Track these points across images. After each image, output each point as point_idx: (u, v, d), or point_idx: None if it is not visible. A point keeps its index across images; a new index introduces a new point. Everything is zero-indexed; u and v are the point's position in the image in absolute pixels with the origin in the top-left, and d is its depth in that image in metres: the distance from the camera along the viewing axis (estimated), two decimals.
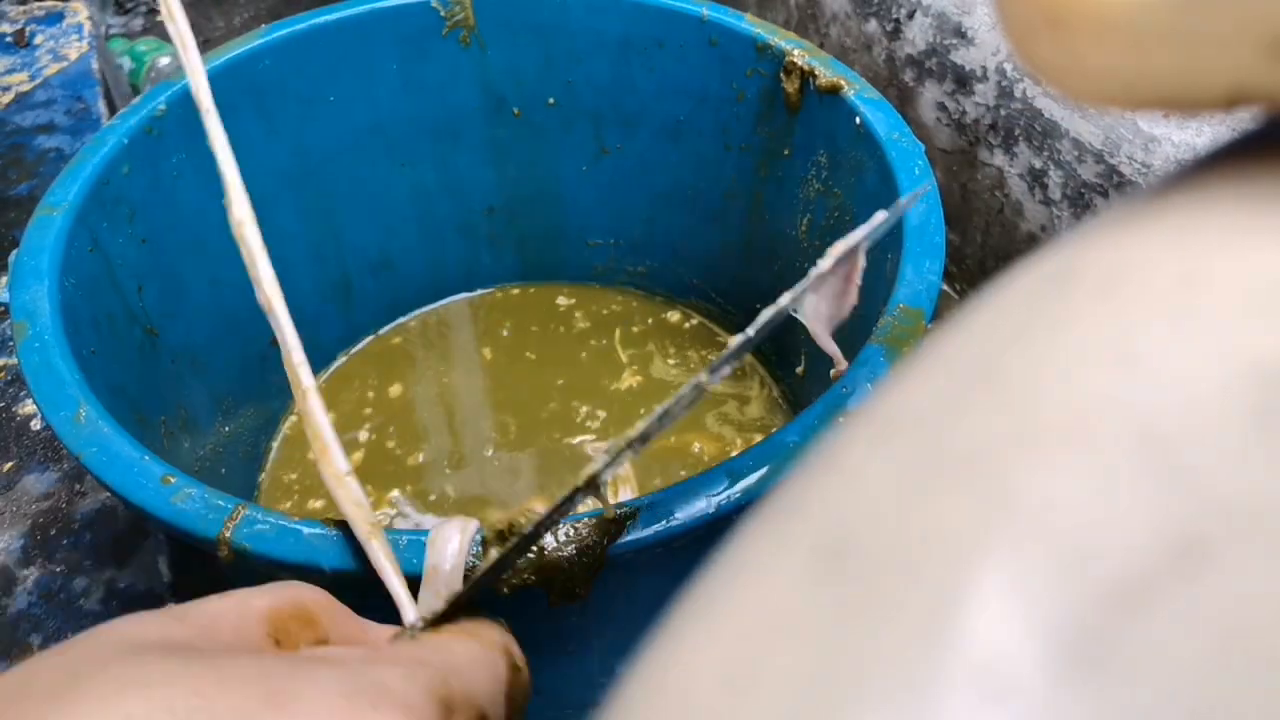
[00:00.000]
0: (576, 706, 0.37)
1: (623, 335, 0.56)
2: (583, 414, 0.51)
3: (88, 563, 0.42)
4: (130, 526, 0.44)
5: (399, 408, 0.52)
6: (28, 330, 0.32)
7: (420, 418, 0.52)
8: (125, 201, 0.39)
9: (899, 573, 0.08)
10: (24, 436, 0.47)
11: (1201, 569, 0.07)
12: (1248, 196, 0.09)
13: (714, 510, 0.26)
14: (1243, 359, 0.08)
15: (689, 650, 0.09)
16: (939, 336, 0.10)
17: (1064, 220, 0.55)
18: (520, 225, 0.57)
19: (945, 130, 0.61)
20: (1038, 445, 0.08)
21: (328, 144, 0.48)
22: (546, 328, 0.57)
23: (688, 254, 0.55)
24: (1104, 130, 0.51)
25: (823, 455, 0.10)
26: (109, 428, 0.29)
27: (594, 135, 0.52)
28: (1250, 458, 0.07)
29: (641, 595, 0.30)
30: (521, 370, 0.54)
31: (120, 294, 0.39)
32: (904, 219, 0.35)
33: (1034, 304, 0.09)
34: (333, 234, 0.51)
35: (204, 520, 0.26)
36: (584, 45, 0.49)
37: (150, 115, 0.40)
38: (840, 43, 0.69)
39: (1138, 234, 0.09)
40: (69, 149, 0.61)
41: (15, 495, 0.45)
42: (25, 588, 0.41)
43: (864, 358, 0.30)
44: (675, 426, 0.51)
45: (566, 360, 0.54)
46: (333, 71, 0.47)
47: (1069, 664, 0.07)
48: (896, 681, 0.07)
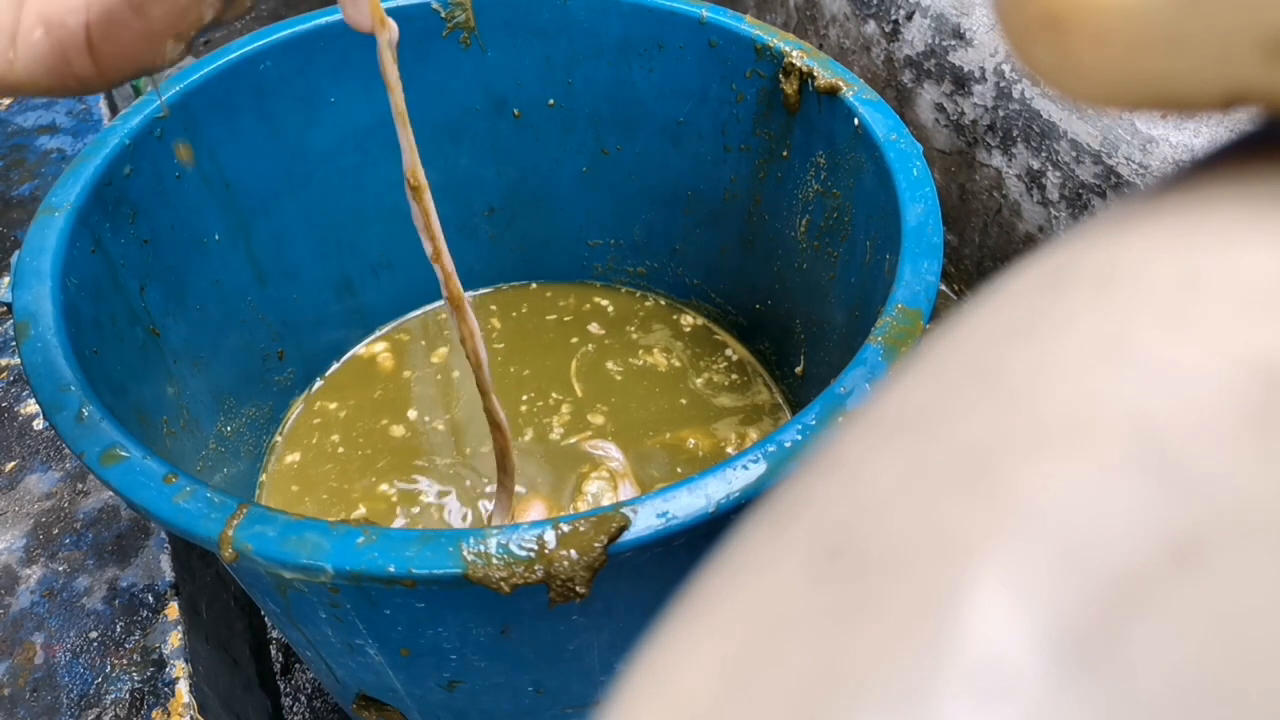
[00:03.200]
0: (577, 705, 0.37)
1: (623, 335, 0.56)
2: (583, 413, 0.51)
3: (90, 562, 0.42)
4: (132, 525, 0.44)
5: (400, 407, 0.53)
6: (30, 330, 0.32)
7: (421, 417, 0.52)
8: (127, 202, 0.39)
9: (898, 572, 0.08)
10: (26, 436, 0.47)
11: (1200, 568, 0.07)
12: (1246, 197, 0.09)
13: (714, 509, 0.26)
14: (1241, 359, 0.08)
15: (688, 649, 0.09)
16: (937, 337, 0.10)
17: (1062, 221, 0.55)
18: (520, 226, 0.57)
19: (943, 131, 0.61)
20: (1036, 445, 0.08)
21: (328, 144, 0.48)
22: (547, 327, 0.57)
23: (687, 254, 0.56)
24: (1102, 131, 0.51)
25: (822, 455, 0.10)
26: (111, 427, 0.29)
27: (594, 136, 0.52)
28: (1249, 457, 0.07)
29: (641, 595, 0.30)
30: (522, 369, 0.54)
31: (122, 294, 0.39)
32: (902, 220, 0.35)
33: (1032, 304, 0.09)
34: (333, 234, 0.52)
35: (206, 519, 0.26)
36: (584, 47, 0.49)
37: (152, 116, 0.40)
38: (839, 44, 0.69)
39: (1136, 234, 0.09)
40: (71, 150, 0.62)
41: (18, 494, 0.45)
42: (28, 586, 0.42)
43: (862, 358, 0.30)
44: (673, 424, 0.51)
45: (567, 360, 0.54)
46: (333, 72, 0.47)
47: (1068, 663, 0.07)
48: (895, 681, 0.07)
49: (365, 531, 0.26)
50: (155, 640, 0.40)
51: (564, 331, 0.56)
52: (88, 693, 0.38)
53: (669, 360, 0.54)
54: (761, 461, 0.27)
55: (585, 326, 0.57)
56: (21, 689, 0.38)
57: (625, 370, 0.54)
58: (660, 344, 0.55)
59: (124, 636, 0.40)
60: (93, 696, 0.38)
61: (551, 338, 0.56)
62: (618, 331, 0.56)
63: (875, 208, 0.39)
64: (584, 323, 0.57)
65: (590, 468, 0.49)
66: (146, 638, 0.40)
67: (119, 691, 0.38)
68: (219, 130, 0.44)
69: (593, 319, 0.57)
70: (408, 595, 0.28)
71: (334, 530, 0.26)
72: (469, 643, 0.31)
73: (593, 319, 0.57)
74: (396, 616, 0.30)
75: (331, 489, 0.49)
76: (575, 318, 0.57)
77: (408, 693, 0.35)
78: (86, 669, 0.39)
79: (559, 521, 0.26)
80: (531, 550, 0.25)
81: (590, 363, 0.54)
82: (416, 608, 0.29)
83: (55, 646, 0.40)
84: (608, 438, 0.50)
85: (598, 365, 0.54)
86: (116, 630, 0.40)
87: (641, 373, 0.54)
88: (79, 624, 0.40)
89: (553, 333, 0.56)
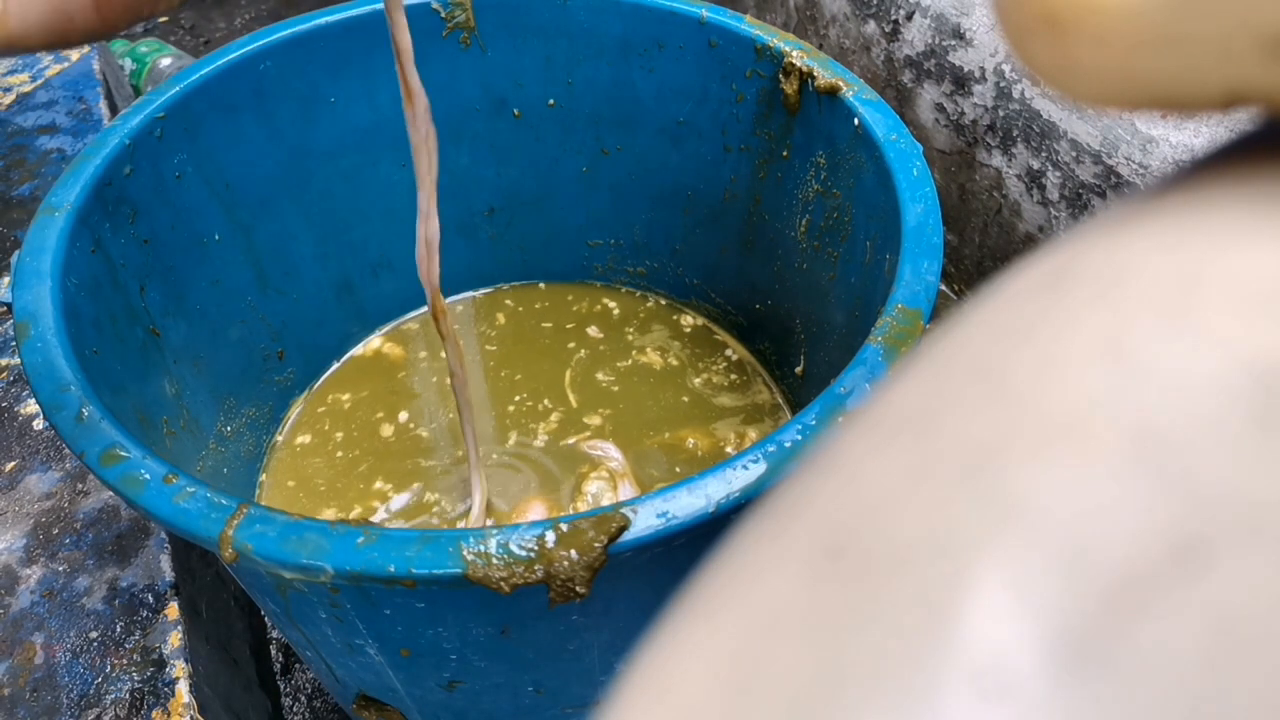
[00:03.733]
0: (577, 705, 0.37)
1: (623, 336, 0.56)
2: (582, 413, 0.51)
3: (90, 562, 0.42)
4: (132, 525, 0.44)
5: (400, 407, 0.53)
6: (30, 330, 0.32)
7: (421, 416, 0.52)
8: (127, 202, 0.39)
9: (899, 572, 0.08)
10: (26, 436, 0.47)
11: (1200, 569, 0.07)
12: (1246, 197, 0.09)
13: (714, 509, 0.26)
14: (1241, 359, 0.08)
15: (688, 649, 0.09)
16: (937, 337, 0.10)
17: (1062, 221, 0.55)
18: (521, 226, 0.57)
19: (943, 131, 0.61)
20: (1037, 445, 0.08)
21: (328, 144, 0.48)
22: (547, 328, 0.57)
23: (687, 255, 0.56)
24: (1102, 131, 0.51)
25: (822, 455, 0.10)
26: (111, 427, 0.29)
27: (594, 136, 0.52)
28: (1249, 458, 0.07)
29: (641, 595, 0.30)
30: (522, 370, 0.54)
31: (122, 294, 0.39)
32: (902, 220, 0.35)
33: (1032, 304, 0.09)
34: (334, 234, 0.52)
35: (206, 520, 0.26)
36: (584, 47, 0.49)
37: (152, 116, 0.40)
38: (839, 44, 0.69)
39: (1136, 234, 0.09)
40: (71, 150, 0.62)
41: (18, 495, 0.45)
42: (28, 586, 0.42)
43: (862, 358, 0.30)
44: (673, 424, 0.51)
45: (567, 360, 0.54)
46: (333, 72, 0.47)
47: (1068, 664, 0.07)
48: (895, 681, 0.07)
49: (365, 531, 0.26)
50: (155, 640, 0.40)
51: (564, 332, 0.56)
52: (88, 693, 0.38)
53: (668, 360, 0.54)
54: (761, 461, 0.27)
55: (585, 327, 0.57)
56: (21, 689, 0.38)
57: (625, 370, 0.54)
58: (660, 344, 0.55)
59: (124, 636, 0.40)
60: (93, 696, 0.38)
61: (551, 338, 0.56)
62: (617, 332, 0.56)
63: (875, 208, 0.39)
64: (584, 323, 0.57)
65: (590, 468, 0.49)
66: (146, 638, 0.40)
67: (119, 691, 0.38)
68: (219, 130, 0.44)
69: (592, 319, 0.57)
70: (408, 595, 0.28)
71: (334, 530, 0.26)
72: (469, 643, 0.31)
73: (592, 319, 0.57)
74: (396, 616, 0.30)
75: (332, 489, 0.49)
76: (575, 318, 0.57)
77: (408, 693, 0.36)
78: (86, 669, 0.39)
79: (559, 521, 0.26)
80: (531, 550, 0.25)
81: (590, 363, 0.54)
82: (416, 608, 0.29)
83: (55, 646, 0.40)
84: (607, 438, 0.50)
85: (597, 365, 0.54)
86: (116, 630, 0.40)
87: (641, 372, 0.54)
88: (79, 624, 0.40)
89: (552, 333, 0.56)
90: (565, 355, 0.55)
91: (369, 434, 0.51)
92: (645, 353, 0.55)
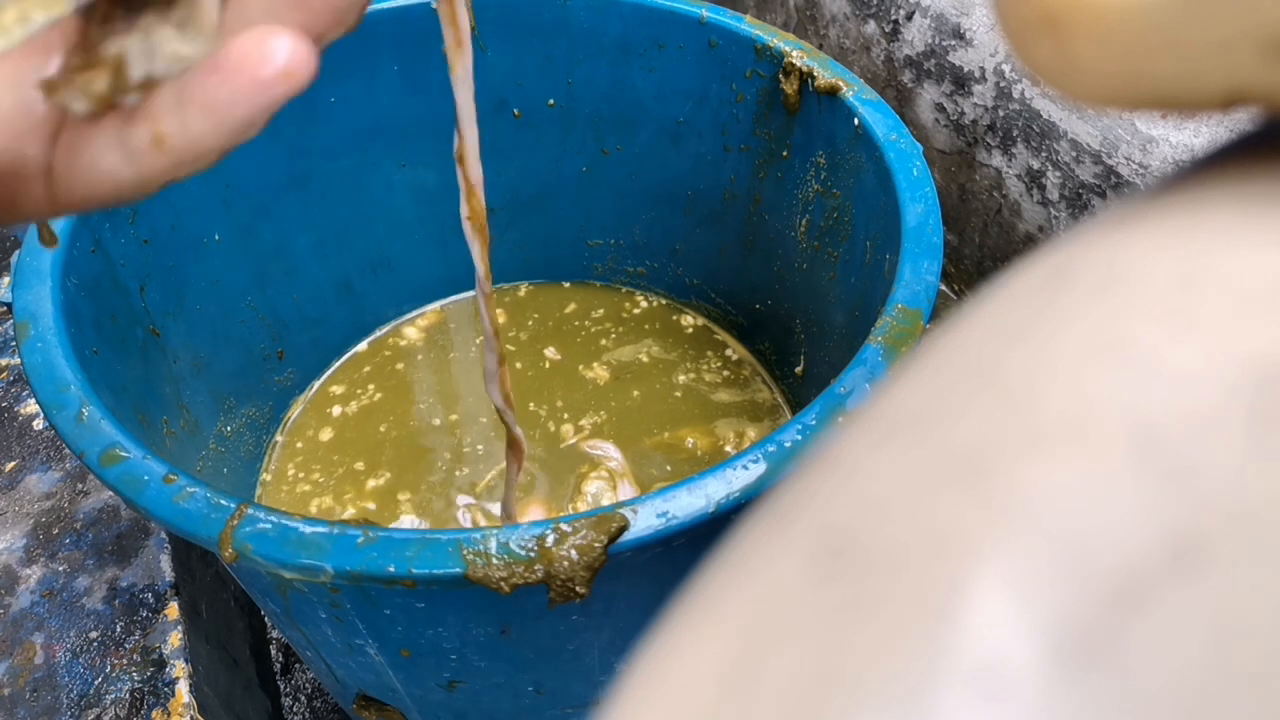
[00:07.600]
0: (577, 705, 0.37)
1: (623, 335, 0.56)
2: (582, 413, 0.51)
3: (90, 561, 0.42)
4: (132, 525, 0.44)
5: (400, 406, 0.53)
6: (30, 330, 0.32)
7: (421, 416, 0.52)
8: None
9: (898, 572, 0.08)
10: (26, 436, 0.47)
11: (1200, 568, 0.07)
12: (1245, 197, 0.09)
13: (714, 509, 0.26)
14: (1241, 359, 0.08)
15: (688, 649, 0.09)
16: (937, 337, 0.10)
17: (1062, 221, 0.55)
18: (521, 226, 0.57)
19: (943, 131, 0.61)
20: (1036, 445, 0.08)
21: (328, 144, 0.48)
22: (547, 327, 0.57)
23: (687, 254, 0.56)
24: (1102, 131, 0.51)
25: (822, 455, 0.10)
26: (111, 427, 0.29)
27: (594, 136, 0.52)
28: (1248, 457, 0.07)
29: (641, 595, 0.30)
30: (521, 369, 0.54)
31: (122, 294, 0.39)
32: (902, 220, 0.35)
33: (1032, 304, 0.09)
34: (334, 234, 0.52)
35: (206, 520, 0.26)
36: (584, 47, 0.49)
37: None
38: (839, 44, 0.69)
39: (1136, 235, 0.09)
40: None
41: (18, 494, 0.45)
42: (28, 586, 0.42)
43: (862, 358, 0.30)
44: (672, 423, 0.51)
45: (566, 359, 0.54)
46: (333, 72, 0.47)
47: (1067, 663, 0.07)
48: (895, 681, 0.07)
49: (365, 531, 0.26)
50: (155, 640, 0.40)
51: (564, 331, 0.56)
52: (88, 693, 0.38)
53: (668, 360, 0.54)
54: (761, 461, 0.27)
55: (585, 327, 0.57)
56: (21, 689, 0.38)
57: (625, 370, 0.54)
58: (660, 344, 0.55)
59: (124, 636, 0.40)
60: (93, 696, 0.38)
61: (551, 338, 0.56)
62: (617, 331, 0.56)
63: (875, 208, 0.39)
64: (584, 323, 0.57)
65: (589, 468, 0.49)
66: (146, 638, 0.40)
67: (119, 691, 0.38)
68: None
69: (592, 319, 0.57)
70: (408, 595, 0.28)
71: (334, 530, 0.26)
72: (469, 643, 0.31)
73: (592, 319, 0.57)
74: (396, 616, 0.30)
75: (332, 489, 0.49)
76: (575, 318, 0.57)
77: (408, 693, 0.36)
78: (86, 669, 0.39)
79: (559, 521, 0.26)
80: (531, 550, 0.25)
81: (589, 363, 0.54)
82: (416, 608, 0.29)
83: (55, 646, 0.40)
84: (607, 438, 0.50)
85: (597, 365, 0.54)
86: (116, 630, 0.40)
87: (641, 372, 0.54)
88: (79, 624, 0.40)
89: (553, 333, 0.56)
90: (565, 355, 0.55)
91: (370, 433, 0.51)
92: (645, 353, 0.55)
